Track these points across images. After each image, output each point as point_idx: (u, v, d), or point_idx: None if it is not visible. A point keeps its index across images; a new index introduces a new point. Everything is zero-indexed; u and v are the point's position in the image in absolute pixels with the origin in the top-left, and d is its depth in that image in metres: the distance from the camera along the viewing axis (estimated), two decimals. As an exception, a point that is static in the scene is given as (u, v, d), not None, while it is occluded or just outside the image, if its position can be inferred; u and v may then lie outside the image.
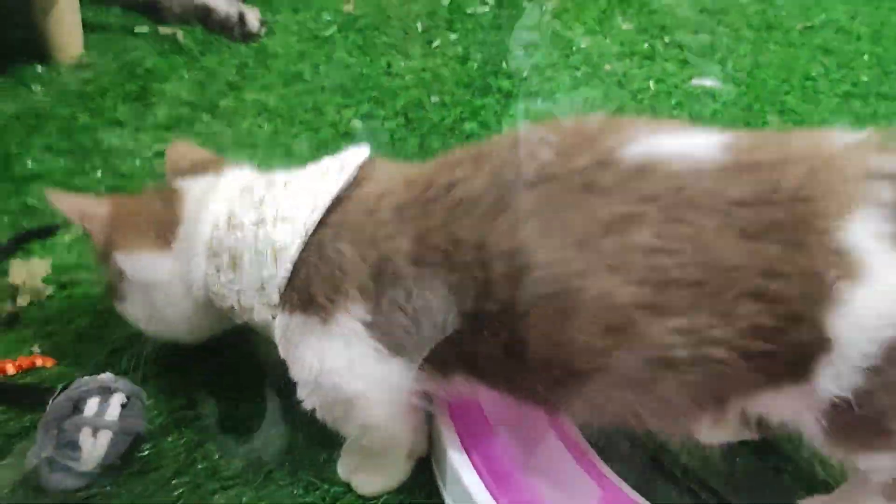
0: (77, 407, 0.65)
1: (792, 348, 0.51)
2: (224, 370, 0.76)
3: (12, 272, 0.85)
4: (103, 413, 0.65)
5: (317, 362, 0.60)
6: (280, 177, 0.65)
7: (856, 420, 0.53)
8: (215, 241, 0.64)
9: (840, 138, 0.54)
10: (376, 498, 0.66)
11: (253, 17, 1.39)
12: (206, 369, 0.76)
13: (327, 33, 1.42)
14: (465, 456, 0.62)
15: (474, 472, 0.62)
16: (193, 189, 0.68)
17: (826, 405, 0.52)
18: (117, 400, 0.66)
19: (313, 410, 0.63)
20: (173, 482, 0.66)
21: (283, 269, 0.60)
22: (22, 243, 0.91)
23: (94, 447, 0.64)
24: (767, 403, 0.56)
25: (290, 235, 0.60)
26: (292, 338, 0.62)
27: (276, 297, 0.61)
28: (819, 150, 0.54)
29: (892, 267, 0.49)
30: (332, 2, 1.53)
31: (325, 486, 0.66)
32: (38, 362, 0.76)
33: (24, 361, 0.75)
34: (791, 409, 0.55)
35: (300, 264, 0.60)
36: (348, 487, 0.66)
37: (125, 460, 0.67)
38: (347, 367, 0.59)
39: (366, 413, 0.62)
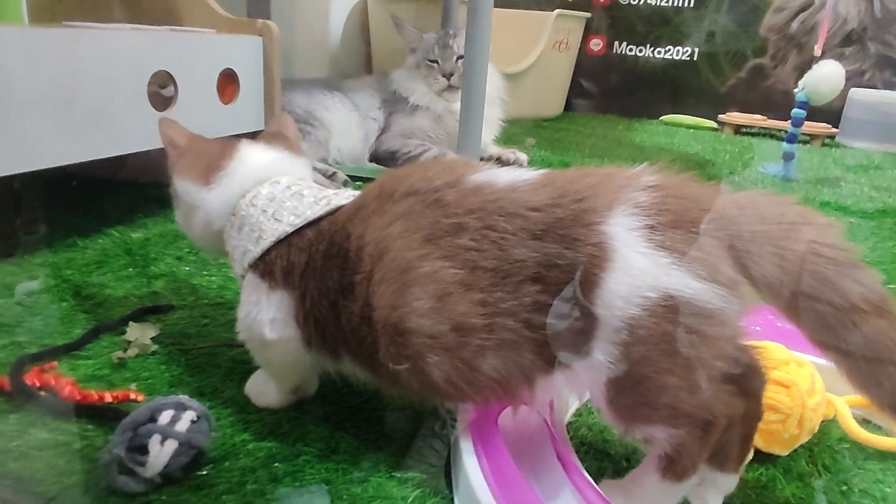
0: (153, 417, 0.57)
1: (571, 325, 0.50)
2: (292, 418, 0.67)
3: (129, 331, 0.80)
4: (174, 424, 0.56)
5: (253, 310, 0.63)
6: (298, 186, 0.66)
7: (622, 390, 0.50)
8: (239, 205, 0.66)
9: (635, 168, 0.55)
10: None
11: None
12: (277, 414, 0.68)
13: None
14: (479, 466, 0.52)
15: (486, 484, 0.51)
16: (250, 151, 0.69)
17: (604, 378, 0.50)
18: (189, 416, 0.58)
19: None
20: (223, 497, 0.56)
21: (258, 251, 0.62)
22: (143, 314, 0.86)
23: (159, 453, 0.55)
24: (569, 380, 0.53)
25: (271, 232, 0.62)
26: (246, 288, 0.64)
27: (247, 265, 0.64)
28: (610, 171, 0.54)
29: (637, 254, 0.48)
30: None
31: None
32: (132, 395, 0.68)
33: (120, 393, 0.68)
34: (585, 383, 0.52)
35: (272, 250, 0.62)
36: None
37: (185, 473, 0.57)
38: (269, 322, 0.62)
39: (270, 353, 0.65)
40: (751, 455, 0.63)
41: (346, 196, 0.64)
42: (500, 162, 1.83)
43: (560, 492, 0.55)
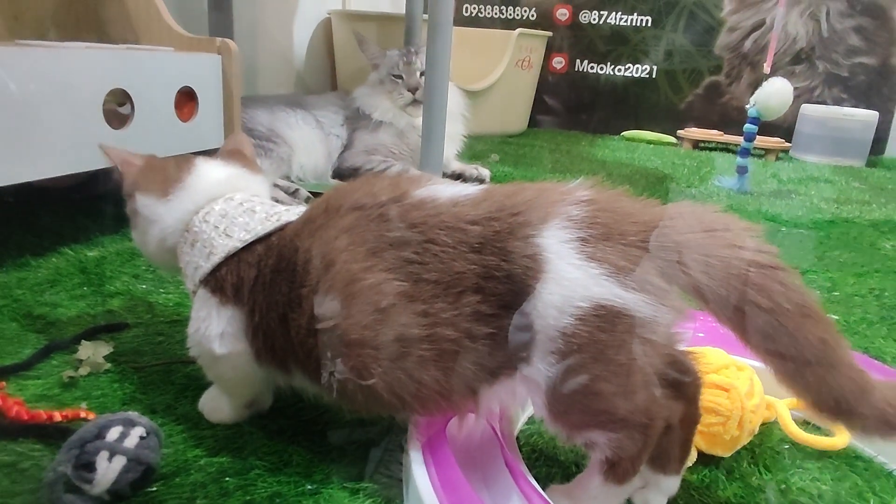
0: (100, 433, 0.56)
1: (512, 335, 0.51)
2: (245, 433, 0.67)
3: (81, 349, 0.79)
4: (122, 440, 0.56)
5: (202, 325, 0.63)
6: (251, 203, 0.66)
7: (561, 398, 0.50)
8: (193, 221, 0.66)
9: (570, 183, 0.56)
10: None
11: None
12: (230, 429, 0.67)
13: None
14: (427, 475, 0.53)
15: (433, 493, 0.51)
16: (205, 167, 0.70)
17: (543, 386, 0.51)
18: (137, 432, 0.57)
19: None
20: (172, 513, 0.56)
21: (209, 267, 0.63)
22: (97, 333, 0.85)
23: (107, 470, 0.55)
24: (510, 390, 0.53)
25: (222, 248, 0.63)
26: (196, 304, 0.64)
27: (198, 280, 0.64)
28: (547, 186, 0.55)
29: (570, 265, 0.49)
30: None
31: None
32: (82, 414, 0.67)
33: (70, 412, 0.67)
34: (526, 392, 0.53)
35: (222, 266, 0.63)
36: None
37: (134, 490, 0.57)
38: (219, 336, 0.62)
39: (221, 368, 0.65)
40: (694, 457, 0.65)
41: (298, 212, 0.65)
42: (463, 177, 1.86)
43: (508, 499, 0.56)
